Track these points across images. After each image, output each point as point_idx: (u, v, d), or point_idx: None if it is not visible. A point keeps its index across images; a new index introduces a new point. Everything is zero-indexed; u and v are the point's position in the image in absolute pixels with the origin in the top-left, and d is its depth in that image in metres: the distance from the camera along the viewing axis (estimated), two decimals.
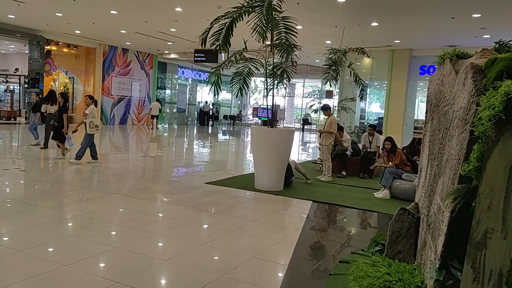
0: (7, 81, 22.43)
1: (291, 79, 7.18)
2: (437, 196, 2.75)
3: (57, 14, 13.51)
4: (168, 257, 3.74)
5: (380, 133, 10.10)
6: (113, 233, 4.43)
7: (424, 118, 3.58)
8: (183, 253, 3.87)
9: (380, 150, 8.21)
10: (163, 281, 3.37)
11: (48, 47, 17.98)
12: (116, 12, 12.70)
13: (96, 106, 9.19)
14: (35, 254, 3.63)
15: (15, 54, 22.08)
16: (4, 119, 18.64)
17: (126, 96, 21.45)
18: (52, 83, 18.66)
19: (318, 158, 10.19)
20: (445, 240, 2.40)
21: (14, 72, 22.22)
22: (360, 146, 9.59)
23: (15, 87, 21.29)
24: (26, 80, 18.72)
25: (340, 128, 9.23)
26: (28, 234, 4.17)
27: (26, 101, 18.99)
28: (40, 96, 11.35)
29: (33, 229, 4.32)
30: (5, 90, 20.28)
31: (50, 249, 3.80)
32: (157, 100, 22.14)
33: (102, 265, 3.57)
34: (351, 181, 8.30)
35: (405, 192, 6.66)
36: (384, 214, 5.96)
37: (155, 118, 20.25)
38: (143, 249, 3.95)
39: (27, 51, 17.83)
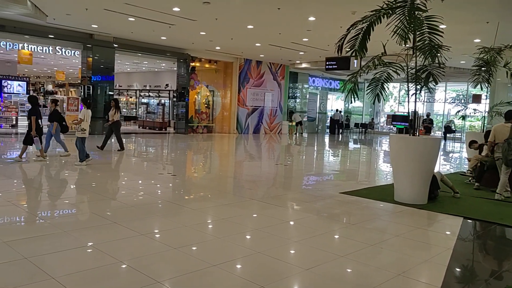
0: (159, 96, 25.43)
1: (438, 83, 6.57)
2: None
3: (201, 33, 14.80)
4: (309, 266, 3.68)
5: None
6: (254, 237, 4.55)
7: None
8: (323, 264, 3.77)
9: None
10: None
11: (193, 64, 19.81)
12: (252, 27, 13.37)
13: (89, 108, 8.90)
14: (187, 252, 3.92)
15: (165, 71, 24.91)
16: (157, 129, 21.08)
17: (260, 107, 22.39)
18: (195, 96, 20.47)
19: (468, 170, 9.16)
20: None
21: (165, 88, 25.08)
22: None
23: (166, 101, 23.99)
24: (175, 95, 20.93)
25: None
26: (181, 233, 4.53)
27: (174, 113, 21.23)
28: (57, 103, 10.14)
29: (184, 229, 4.69)
30: (158, 104, 22.95)
31: (200, 249, 4.05)
32: (294, 112, 24.60)
33: (246, 268, 3.67)
34: None
35: None
36: None
37: (299, 124, 23.37)
38: (283, 256, 3.97)
39: (175, 69, 19.94)
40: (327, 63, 17.87)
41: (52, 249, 3.83)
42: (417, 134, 6.75)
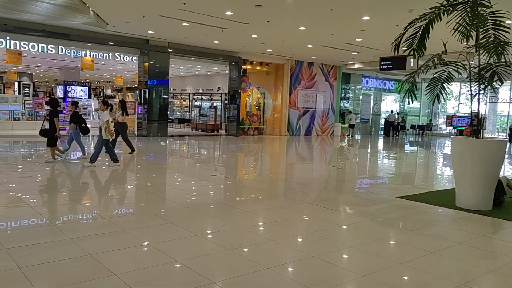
0: (211, 99, 25.95)
1: (504, 82, 6.16)
2: None
3: (253, 36, 14.92)
4: (365, 272, 3.57)
5: None
6: (308, 241, 4.49)
7: None
8: (381, 271, 3.64)
9: None
10: None
11: (244, 67, 20.01)
12: (304, 28, 13.28)
13: (111, 111, 8.66)
14: (240, 253, 3.94)
15: (217, 74, 25.37)
16: (209, 131, 21.52)
17: (311, 108, 22.19)
18: (247, 98, 20.66)
19: None
20: None
21: (217, 91, 25.56)
22: None
23: (217, 103, 24.44)
24: (226, 97, 21.26)
25: None
26: (234, 235, 4.57)
27: (226, 116, 21.59)
28: (77, 105, 9.87)
29: (237, 231, 4.72)
30: (210, 107, 23.42)
31: (253, 251, 4.06)
32: (352, 112, 24.49)
33: (301, 272, 3.63)
34: None
35: None
36: None
37: (353, 126, 23.51)
38: (338, 261, 3.89)
39: (227, 72, 20.25)
40: (382, 63, 17.41)
41: (112, 247, 4.00)
42: (482, 135, 6.35)
